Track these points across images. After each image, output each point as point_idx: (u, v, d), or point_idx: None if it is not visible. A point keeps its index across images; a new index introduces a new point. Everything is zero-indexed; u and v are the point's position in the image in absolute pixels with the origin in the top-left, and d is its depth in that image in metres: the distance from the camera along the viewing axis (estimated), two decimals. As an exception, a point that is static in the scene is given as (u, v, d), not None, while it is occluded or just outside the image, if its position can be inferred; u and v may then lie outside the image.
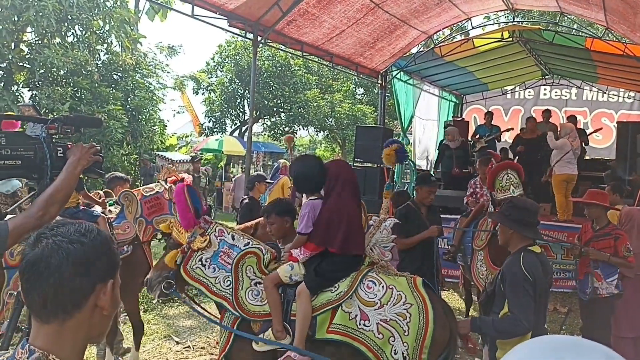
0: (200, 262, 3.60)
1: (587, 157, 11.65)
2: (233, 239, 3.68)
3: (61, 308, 1.29)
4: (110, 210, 5.58)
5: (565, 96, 16.19)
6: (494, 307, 3.45)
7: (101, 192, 5.92)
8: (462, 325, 3.44)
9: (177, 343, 6.20)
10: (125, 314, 5.72)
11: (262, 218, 4.07)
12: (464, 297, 7.50)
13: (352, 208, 3.53)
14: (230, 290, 3.54)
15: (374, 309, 3.35)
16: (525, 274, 3.23)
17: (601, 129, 13.07)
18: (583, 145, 10.72)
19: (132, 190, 5.47)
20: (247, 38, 10.23)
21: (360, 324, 3.34)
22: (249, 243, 3.69)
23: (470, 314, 7.09)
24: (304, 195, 4.00)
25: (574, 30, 12.66)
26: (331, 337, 3.36)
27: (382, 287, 3.42)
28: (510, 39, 11.93)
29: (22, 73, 15.36)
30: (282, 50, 15.83)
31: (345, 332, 3.34)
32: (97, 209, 5.43)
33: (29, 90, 15.68)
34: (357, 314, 3.36)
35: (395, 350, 3.27)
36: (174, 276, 3.63)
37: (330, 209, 3.49)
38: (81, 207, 5.24)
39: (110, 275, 1.36)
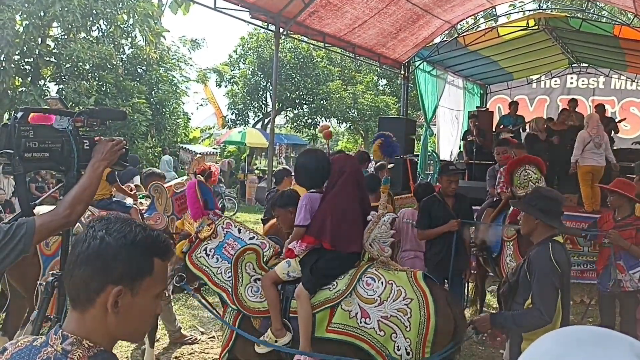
0: (204, 252, 3.63)
1: (614, 147, 11.41)
2: (239, 232, 3.70)
3: (77, 298, 1.32)
4: (141, 202, 5.71)
5: (593, 85, 15.84)
6: (517, 297, 3.38)
7: (132, 185, 6.06)
8: (481, 322, 3.38)
9: (202, 333, 6.27)
10: (186, 296, 5.88)
11: None
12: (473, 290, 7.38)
13: (351, 205, 3.51)
14: (231, 283, 3.55)
15: (374, 306, 3.33)
16: (555, 265, 3.17)
17: (625, 119, 12.82)
18: (612, 133, 10.48)
19: (164, 185, 5.59)
20: (269, 30, 10.22)
21: (361, 322, 3.32)
22: (254, 237, 3.71)
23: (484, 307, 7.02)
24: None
25: (604, 19, 12.38)
26: (331, 336, 3.35)
27: (382, 283, 3.39)
28: (536, 27, 11.70)
29: (48, 67, 15.63)
30: (304, 41, 15.80)
31: (346, 331, 3.33)
32: (129, 200, 5.56)
33: (55, 85, 15.96)
34: (358, 311, 3.34)
35: (398, 346, 3.26)
36: (184, 268, 3.67)
37: (329, 203, 3.49)
38: (114, 199, 5.43)
39: (125, 282, 1.32)
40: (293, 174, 4.06)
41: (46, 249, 4.55)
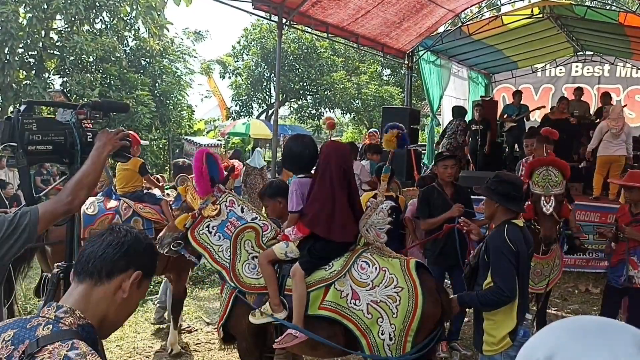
0: (207, 229, 3.69)
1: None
2: (242, 211, 3.75)
3: (96, 271, 1.55)
4: (168, 194, 5.87)
5: (598, 73, 15.73)
6: (478, 279, 3.49)
7: (159, 176, 6.23)
8: (451, 304, 3.54)
9: (208, 324, 6.31)
10: (192, 287, 6.16)
11: None
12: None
13: (339, 193, 3.54)
14: (230, 260, 3.63)
15: (366, 290, 3.42)
16: (509, 245, 3.27)
17: (626, 105, 12.78)
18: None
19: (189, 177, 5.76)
20: (272, 20, 10.18)
21: (351, 303, 3.41)
22: (256, 218, 3.76)
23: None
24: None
25: (612, 6, 12.26)
26: (322, 313, 3.44)
27: (375, 268, 3.48)
28: (541, 15, 11.62)
29: (52, 60, 15.64)
30: (307, 32, 15.75)
31: (335, 310, 3.42)
32: (157, 191, 5.71)
33: (59, 77, 15.98)
34: (349, 292, 3.43)
35: (382, 330, 3.36)
36: (183, 237, 3.73)
37: (319, 194, 3.53)
38: (145, 191, 5.65)
39: (144, 271, 1.63)
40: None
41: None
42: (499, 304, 3.28)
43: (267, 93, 26.84)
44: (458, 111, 11.20)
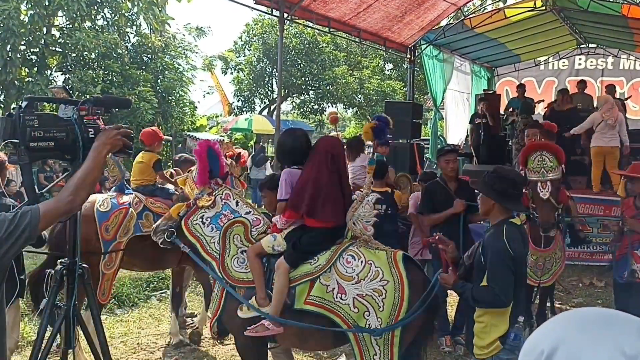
0: (200, 220, 3.72)
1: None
2: (237, 204, 3.78)
3: None
4: (182, 189, 5.92)
5: (601, 65, 15.65)
6: (473, 281, 3.33)
7: (172, 171, 6.30)
8: (446, 278, 3.35)
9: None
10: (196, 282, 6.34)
11: None
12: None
13: (326, 179, 3.54)
14: (219, 253, 3.66)
15: (351, 284, 3.42)
16: (508, 249, 3.13)
17: (630, 96, 12.72)
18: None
19: None
20: (274, 15, 10.15)
21: (337, 297, 3.42)
22: (250, 212, 3.78)
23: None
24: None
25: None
26: (308, 308, 3.46)
27: (361, 262, 3.48)
28: (544, 8, 11.56)
29: (54, 57, 15.66)
30: (309, 27, 15.73)
31: (321, 304, 3.43)
32: (170, 187, 5.77)
33: (62, 74, 16.00)
34: (335, 287, 3.44)
35: (369, 324, 3.37)
36: (177, 227, 3.76)
37: (304, 178, 3.56)
38: (158, 185, 5.68)
39: None
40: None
41: (106, 233, 4.91)
42: (491, 304, 3.18)
43: (270, 88, 26.79)
44: (525, 108, 10.87)
